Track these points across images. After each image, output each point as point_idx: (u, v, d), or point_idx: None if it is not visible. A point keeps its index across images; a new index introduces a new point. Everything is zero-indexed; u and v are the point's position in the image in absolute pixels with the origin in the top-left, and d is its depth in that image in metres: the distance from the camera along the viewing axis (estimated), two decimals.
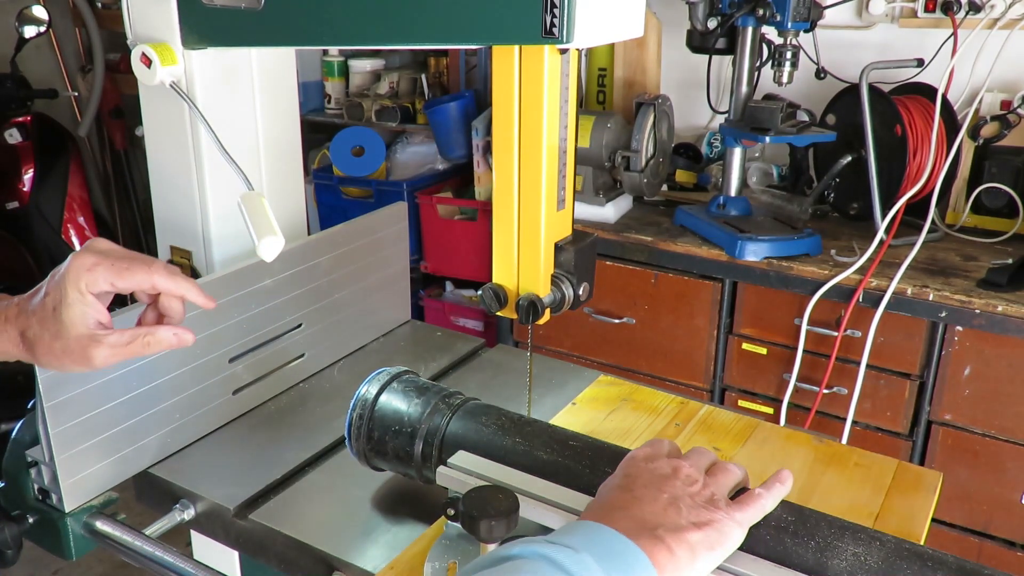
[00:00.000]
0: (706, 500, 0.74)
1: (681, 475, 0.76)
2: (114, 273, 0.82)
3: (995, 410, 1.79)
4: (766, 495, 0.77)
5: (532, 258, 1.00)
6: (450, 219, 2.66)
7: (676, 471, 0.76)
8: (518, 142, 0.96)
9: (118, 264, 0.82)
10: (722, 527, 0.72)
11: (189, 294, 0.86)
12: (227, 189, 1.26)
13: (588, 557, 0.65)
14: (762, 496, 0.76)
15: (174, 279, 0.85)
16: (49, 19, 2.69)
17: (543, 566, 0.64)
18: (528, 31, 0.85)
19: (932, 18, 2.14)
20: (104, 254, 0.83)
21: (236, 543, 1.06)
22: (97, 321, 0.82)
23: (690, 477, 0.76)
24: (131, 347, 0.83)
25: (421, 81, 2.86)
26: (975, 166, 2.06)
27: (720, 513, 0.73)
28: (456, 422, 0.96)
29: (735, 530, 0.73)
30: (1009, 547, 1.86)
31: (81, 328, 0.81)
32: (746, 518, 0.74)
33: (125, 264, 0.82)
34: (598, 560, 0.65)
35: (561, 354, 2.25)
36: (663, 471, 0.76)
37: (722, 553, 0.71)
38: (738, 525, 0.73)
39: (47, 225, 2.91)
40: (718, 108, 2.27)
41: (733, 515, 0.73)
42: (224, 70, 1.25)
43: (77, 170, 3.03)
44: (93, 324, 0.82)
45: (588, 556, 0.65)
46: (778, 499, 0.78)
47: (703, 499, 0.74)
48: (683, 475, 0.76)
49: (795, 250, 1.95)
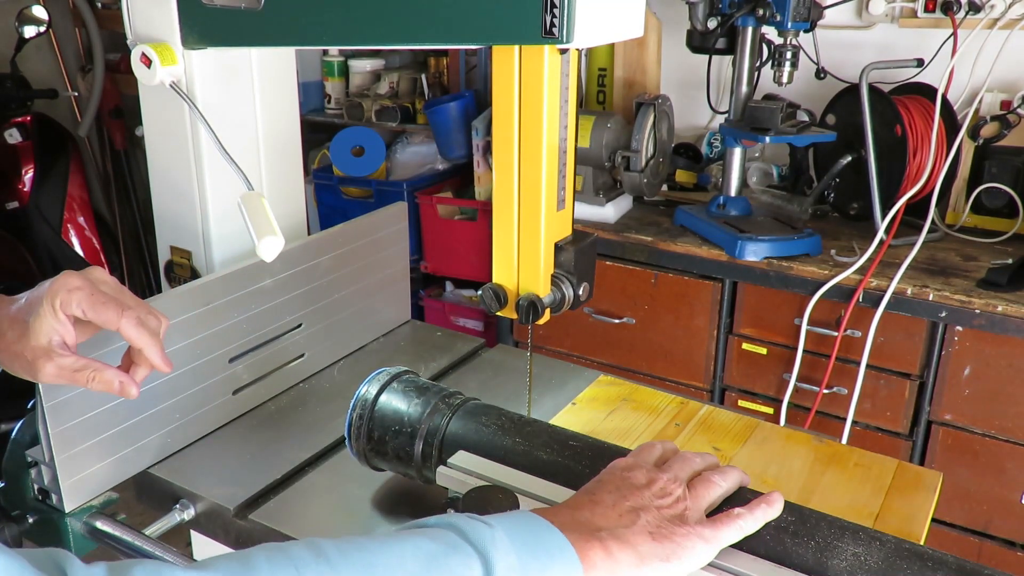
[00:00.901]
0: (674, 515, 0.73)
1: (654, 487, 0.75)
2: (88, 304, 0.83)
3: (995, 410, 1.79)
4: (747, 516, 0.75)
5: (532, 258, 1.00)
6: (450, 219, 2.66)
7: (650, 483, 0.75)
8: (518, 142, 0.96)
9: (95, 296, 0.83)
10: (683, 541, 0.71)
11: (146, 350, 0.86)
12: (227, 189, 1.26)
13: (502, 534, 0.64)
14: (741, 516, 0.75)
15: (139, 331, 0.85)
16: (49, 19, 2.68)
17: (448, 534, 0.64)
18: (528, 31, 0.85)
19: (932, 18, 2.14)
20: (91, 283, 0.84)
21: (236, 543, 1.06)
22: (61, 339, 0.84)
23: (664, 490, 0.75)
24: (77, 375, 0.84)
25: (421, 81, 2.86)
26: (975, 166, 2.07)
27: (685, 528, 0.72)
28: (456, 422, 0.96)
29: (699, 545, 0.71)
30: (1009, 547, 1.86)
31: (42, 340, 0.83)
32: (717, 536, 0.73)
33: (102, 299, 0.83)
34: (512, 540, 0.64)
35: (561, 354, 2.25)
36: (636, 481, 0.76)
37: (679, 567, 0.70)
38: (704, 541, 0.72)
39: (47, 225, 2.91)
40: (718, 108, 2.27)
41: (701, 532, 0.72)
42: (224, 70, 1.25)
43: (77, 170, 3.02)
44: (56, 341, 0.83)
45: (502, 534, 0.65)
46: (761, 522, 0.76)
47: (671, 514, 0.73)
48: (656, 487, 0.75)
49: (795, 250, 1.95)
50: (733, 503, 0.78)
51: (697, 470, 0.81)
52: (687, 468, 0.80)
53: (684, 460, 0.81)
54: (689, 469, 0.80)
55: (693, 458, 0.82)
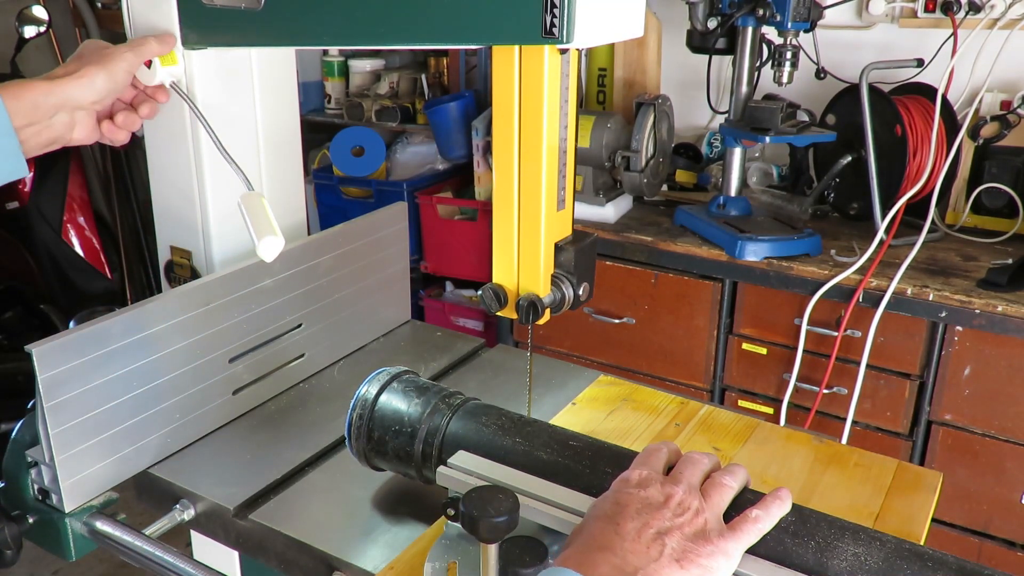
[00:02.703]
0: (696, 532, 0.73)
1: (672, 504, 0.75)
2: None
3: (995, 410, 1.79)
4: (763, 517, 0.76)
5: (532, 258, 1.00)
6: (450, 219, 2.66)
7: (668, 500, 0.75)
8: (518, 142, 0.96)
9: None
10: (709, 563, 0.71)
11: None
12: (227, 189, 1.26)
13: None
14: (759, 520, 0.76)
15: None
16: (49, 19, 2.68)
17: None
18: (528, 31, 0.85)
19: (932, 18, 2.14)
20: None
21: (236, 543, 1.06)
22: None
23: (682, 505, 0.75)
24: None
25: (421, 81, 2.86)
26: (975, 166, 2.07)
27: (709, 547, 0.72)
28: (456, 422, 0.96)
29: (722, 563, 0.72)
30: (1009, 547, 1.86)
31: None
32: (739, 546, 0.74)
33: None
34: None
35: (561, 354, 2.25)
36: (654, 500, 0.75)
37: None
38: (726, 557, 0.72)
39: (47, 225, 2.91)
40: (718, 108, 2.27)
41: (723, 546, 0.73)
42: (224, 70, 1.25)
43: (77, 170, 3.02)
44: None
45: None
46: (776, 518, 0.77)
47: (693, 531, 0.73)
48: (674, 503, 0.75)
49: (795, 250, 1.95)
50: (737, 505, 0.78)
51: (707, 472, 0.81)
52: (698, 472, 0.80)
53: (693, 463, 0.81)
54: (700, 473, 0.80)
55: (701, 459, 0.82)
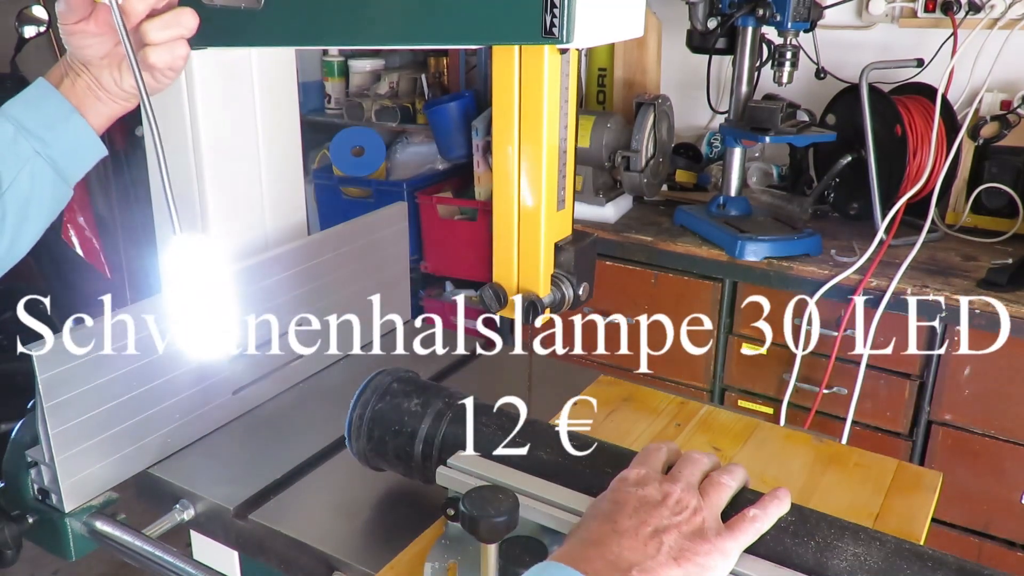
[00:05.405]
0: (694, 531, 0.73)
1: (670, 502, 0.75)
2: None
3: (995, 410, 1.79)
4: (762, 516, 0.76)
5: (532, 258, 1.00)
6: (450, 219, 2.66)
7: (666, 497, 0.75)
8: (518, 142, 0.96)
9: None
10: (706, 561, 0.71)
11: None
12: (227, 189, 1.26)
13: None
14: (757, 519, 0.75)
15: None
16: (49, 19, 2.68)
17: None
18: (528, 31, 0.84)
19: (932, 18, 2.14)
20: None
21: (236, 543, 1.06)
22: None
23: (680, 503, 0.75)
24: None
25: (421, 81, 2.86)
26: (975, 166, 2.06)
27: (706, 545, 0.72)
28: (456, 422, 0.96)
29: (720, 562, 0.72)
30: (1009, 547, 1.86)
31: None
32: (736, 545, 0.74)
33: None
34: None
35: (561, 354, 2.24)
36: (652, 498, 0.75)
37: None
38: (724, 556, 0.72)
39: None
40: (718, 108, 2.27)
41: (721, 545, 0.72)
42: (224, 70, 1.25)
43: None
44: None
45: None
46: (774, 518, 0.77)
47: (691, 529, 0.73)
48: (672, 501, 0.75)
49: (795, 250, 1.95)
50: (735, 504, 0.78)
51: (706, 471, 0.81)
52: (697, 471, 0.80)
53: (692, 462, 0.81)
54: (699, 472, 0.80)
55: (701, 458, 0.81)
